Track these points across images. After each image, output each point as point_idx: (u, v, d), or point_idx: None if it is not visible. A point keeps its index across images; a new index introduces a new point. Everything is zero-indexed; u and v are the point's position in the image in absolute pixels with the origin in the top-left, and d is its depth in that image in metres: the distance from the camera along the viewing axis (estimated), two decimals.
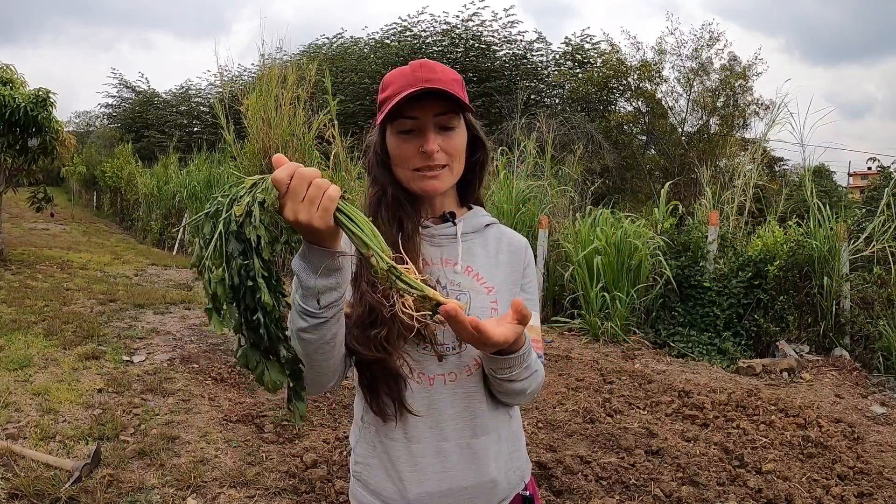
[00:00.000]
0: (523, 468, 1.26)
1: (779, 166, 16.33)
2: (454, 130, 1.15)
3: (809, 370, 5.58)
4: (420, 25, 20.03)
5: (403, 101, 1.08)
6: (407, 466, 1.14)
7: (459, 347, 1.14)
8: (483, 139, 1.23)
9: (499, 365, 1.07)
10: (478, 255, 1.22)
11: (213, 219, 0.90)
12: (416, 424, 1.14)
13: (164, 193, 16.51)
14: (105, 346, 5.30)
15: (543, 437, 3.75)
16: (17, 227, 15.57)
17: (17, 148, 9.17)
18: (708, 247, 6.81)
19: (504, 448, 1.21)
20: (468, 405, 1.16)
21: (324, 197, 0.88)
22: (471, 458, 1.15)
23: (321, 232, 0.90)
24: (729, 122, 16.20)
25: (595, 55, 18.71)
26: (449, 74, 1.14)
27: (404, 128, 1.13)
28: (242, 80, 18.88)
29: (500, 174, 8.45)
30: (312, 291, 0.96)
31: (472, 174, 1.25)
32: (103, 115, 31.46)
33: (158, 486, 3.00)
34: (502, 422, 1.21)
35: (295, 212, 0.88)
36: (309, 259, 0.95)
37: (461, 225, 1.22)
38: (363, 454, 1.19)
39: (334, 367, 1.06)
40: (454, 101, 1.11)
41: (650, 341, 6.56)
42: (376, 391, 1.12)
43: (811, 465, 3.50)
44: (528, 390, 1.15)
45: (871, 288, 6.16)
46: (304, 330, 0.99)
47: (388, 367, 1.09)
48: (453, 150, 1.15)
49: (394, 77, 1.14)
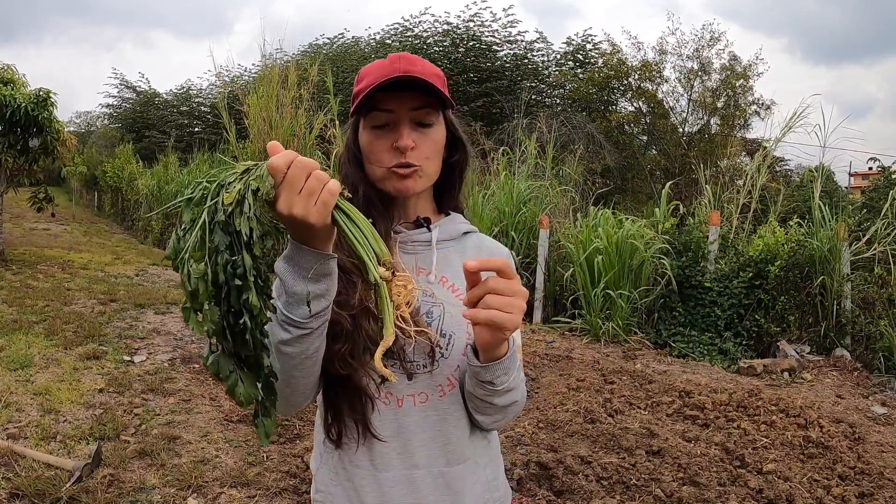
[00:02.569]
0: (502, 498, 1.15)
1: (780, 166, 16.32)
2: (431, 127, 1.06)
3: (810, 370, 5.57)
4: (421, 26, 20.04)
5: (377, 91, 0.99)
6: (373, 497, 1.03)
7: (431, 366, 1.03)
8: (463, 140, 1.14)
9: (496, 372, 0.97)
10: (454, 265, 1.11)
11: (195, 206, 0.79)
12: (384, 450, 1.02)
13: (165, 193, 16.52)
14: (106, 346, 5.30)
15: (544, 437, 3.75)
16: (19, 227, 15.58)
17: (17, 148, 9.16)
18: (709, 247, 6.81)
19: (482, 477, 1.10)
20: (441, 429, 1.04)
21: (323, 190, 0.80)
22: (444, 489, 1.04)
23: (315, 230, 0.82)
24: (730, 122, 16.20)
25: (596, 55, 18.72)
26: (429, 68, 1.05)
27: (378, 122, 1.04)
28: (243, 80, 18.88)
29: (500, 174, 8.45)
30: (298, 298, 0.86)
31: (450, 178, 1.15)
32: (104, 116, 31.54)
33: (159, 486, 3.00)
34: (480, 448, 1.11)
35: (290, 204, 0.79)
36: (296, 261, 0.85)
37: (437, 231, 1.11)
38: (324, 482, 1.07)
39: (311, 386, 0.97)
40: (433, 95, 1.02)
41: (651, 341, 6.56)
42: (339, 410, 1.02)
43: (812, 466, 3.49)
44: (520, 400, 1.05)
45: (872, 288, 6.16)
46: (285, 342, 0.89)
47: (352, 384, 0.98)
48: (429, 149, 1.05)
49: (370, 69, 1.05)
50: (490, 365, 0.96)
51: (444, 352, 1.03)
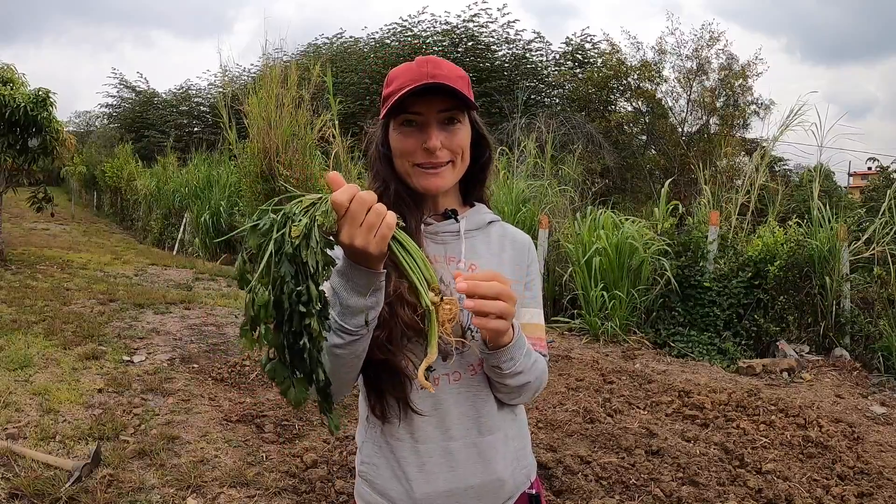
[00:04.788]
0: (529, 467, 1.26)
1: (779, 166, 16.33)
2: (458, 127, 1.14)
3: (809, 370, 5.58)
4: (420, 25, 20.02)
5: (407, 96, 1.07)
6: (414, 467, 1.13)
7: (462, 347, 1.13)
8: (488, 138, 1.23)
9: (501, 358, 1.07)
10: (481, 253, 1.21)
11: (263, 236, 0.86)
12: (422, 424, 1.13)
13: (164, 193, 16.52)
14: (105, 346, 5.30)
15: (543, 437, 3.75)
16: (18, 227, 15.57)
17: (17, 148, 9.15)
18: (708, 247, 6.81)
19: (511, 447, 1.20)
20: (474, 404, 1.15)
21: (382, 224, 0.88)
22: (477, 457, 1.15)
23: (372, 257, 0.90)
24: (729, 122, 16.20)
25: (595, 55, 18.71)
26: (455, 71, 1.13)
27: (408, 123, 1.13)
28: (243, 79, 18.87)
29: (500, 174, 8.45)
30: (353, 310, 0.96)
31: (475, 173, 1.24)
32: (103, 115, 31.45)
33: (158, 486, 3.00)
34: (508, 421, 1.21)
35: (351, 236, 0.88)
36: (351, 278, 0.94)
37: (464, 222, 1.21)
38: (369, 454, 1.18)
39: (354, 378, 1.08)
40: (459, 98, 1.10)
41: (650, 341, 6.56)
42: (381, 391, 1.12)
43: (811, 465, 3.49)
44: (532, 381, 1.15)
45: (871, 288, 6.16)
46: (338, 346, 0.98)
47: (392, 366, 1.09)
48: (456, 147, 1.14)
49: (399, 72, 1.14)
50: (495, 352, 1.07)
51: (473, 335, 1.11)
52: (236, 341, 5.87)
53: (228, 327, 6.42)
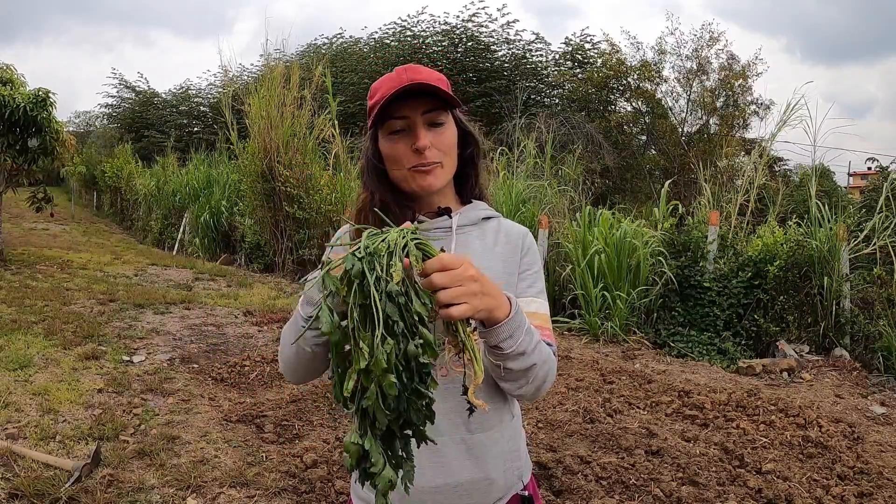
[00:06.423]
0: (522, 468, 1.26)
1: (779, 166, 16.33)
2: (443, 126, 1.17)
3: (809, 370, 5.58)
4: (420, 26, 20.03)
5: (391, 102, 1.11)
6: None
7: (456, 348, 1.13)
8: (473, 133, 1.25)
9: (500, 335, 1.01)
10: (474, 248, 1.21)
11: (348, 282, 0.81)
12: None
13: (164, 193, 16.52)
14: (105, 346, 5.30)
15: (543, 437, 3.75)
16: (17, 228, 15.57)
17: (17, 148, 9.16)
18: (708, 247, 6.81)
19: (503, 447, 1.20)
20: (461, 400, 1.11)
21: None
22: (466, 454, 1.16)
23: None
24: (729, 122, 16.20)
25: (595, 55, 18.71)
26: (433, 75, 1.16)
27: (394, 128, 1.15)
28: (243, 79, 18.87)
29: (499, 174, 8.45)
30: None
31: (466, 169, 1.26)
32: (103, 115, 31.44)
33: (158, 486, 3.00)
34: (500, 421, 1.21)
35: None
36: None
37: (457, 218, 1.22)
38: None
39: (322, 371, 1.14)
40: (441, 98, 1.13)
41: (650, 341, 6.56)
42: None
43: (811, 465, 3.49)
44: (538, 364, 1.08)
45: (871, 288, 6.16)
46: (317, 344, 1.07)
47: None
48: (444, 146, 1.16)
49: (381, 83, 1.18)
50: (492, 329, 1.01)
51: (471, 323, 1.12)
52: (236, 341, 5.87)
53: (228, 327, 6.42)
